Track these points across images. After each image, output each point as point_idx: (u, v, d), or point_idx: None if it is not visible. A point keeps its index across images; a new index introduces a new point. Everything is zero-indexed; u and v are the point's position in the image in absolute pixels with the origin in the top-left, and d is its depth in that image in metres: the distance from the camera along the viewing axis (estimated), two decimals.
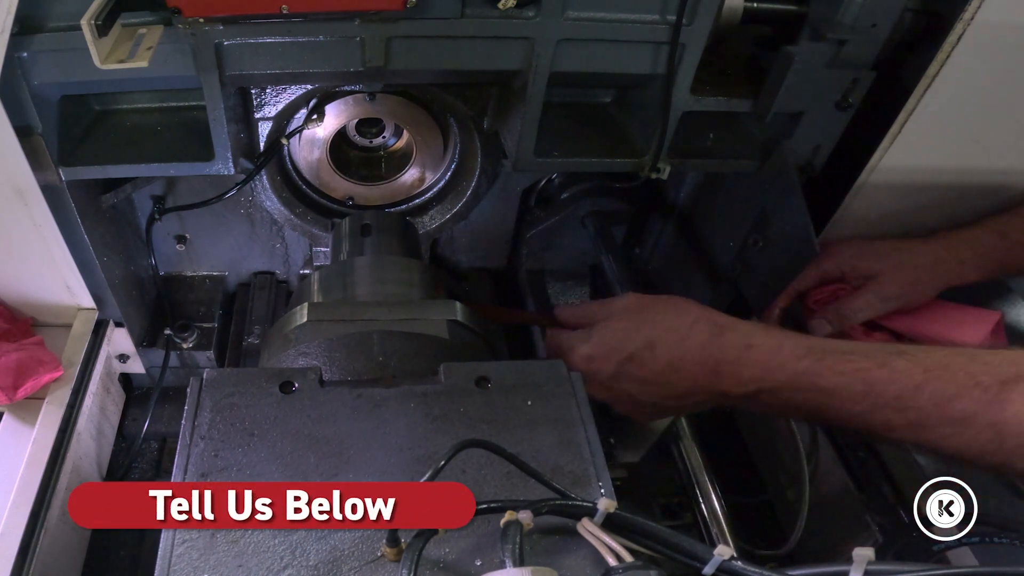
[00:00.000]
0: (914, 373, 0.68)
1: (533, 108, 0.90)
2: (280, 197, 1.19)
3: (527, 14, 0.81)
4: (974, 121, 0.91)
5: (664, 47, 0.85)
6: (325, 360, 0.75)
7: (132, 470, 1.11)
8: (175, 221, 1.22)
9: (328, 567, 0.53)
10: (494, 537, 0.55)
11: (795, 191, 0.95)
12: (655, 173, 0.97)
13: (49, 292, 0.99)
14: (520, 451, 0.58)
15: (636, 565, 0.50)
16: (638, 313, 0.85)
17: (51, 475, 0.87)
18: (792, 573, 0.52)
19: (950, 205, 1.00)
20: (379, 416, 0.64)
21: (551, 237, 1.35)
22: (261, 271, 1.35)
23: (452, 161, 1.23)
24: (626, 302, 0.88)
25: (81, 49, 0.68)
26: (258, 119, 1.05)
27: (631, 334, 0.82)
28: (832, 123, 0.94)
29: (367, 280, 0.93)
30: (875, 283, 0.97)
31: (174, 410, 1.17)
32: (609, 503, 0.53)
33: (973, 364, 0.67)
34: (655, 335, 0.81)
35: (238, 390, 0.65)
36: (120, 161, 0.89)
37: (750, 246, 1.05)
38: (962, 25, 0.80)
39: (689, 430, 1.00)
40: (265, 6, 0.74)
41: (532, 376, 0.69)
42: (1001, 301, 1.07)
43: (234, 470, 0.59)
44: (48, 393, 0.94)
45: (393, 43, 0.82)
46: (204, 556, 0.53)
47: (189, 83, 0.83)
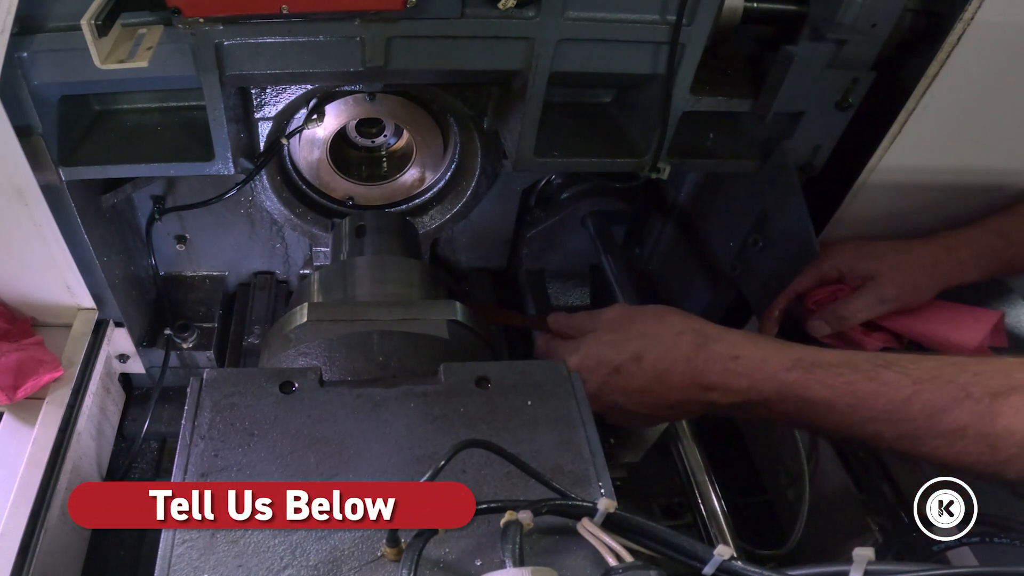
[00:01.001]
0: (903, 385, 0.68)
1: (533, 108, 0.90)
2: (280, 197, 1.19)
3: (527, 14, 0.81)
4: (974, 121, 0.91)
5: (664, 47, 0.85)
6: (325, 360, 0.75)
7: (132, 470, 1.11)
8: (175, 221, 1.21)
9: (328, 567, 0.53)
10: (494, 537, 0.54)
11: (795, 191, 0.95)
12: (655, 173, 0.97)
13: (49, 292, 0.99)
14: (520, 451, 0.58)
15: (636, 565, 0.50)
16: (625, 325, 0.85)
17: (51, 475, 0.87)
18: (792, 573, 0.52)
19: (950, 205, 1.00)
20: (379, 416, 0.64)
21: (551, 237, 1.35)
22: (261, 271, 1.35)
23: (452, 161, 1.23)
24: (613, 314, 0.88)
25: (81, 49, 0.68)
26: (258, 119, 1.05)
27: (617, 347, 0.83)
28: (832, 123, 0.94)
29: (367, 280, 0.93)
30: (874, 284, 0.96)
31: (174, 410, 1.17)
32: (609, 503, 0.53)
33: (963, 375, 0.66)
34: (641, 347, 0.81)
35: (238, 390, 0.65)
36: (120, 161, 0.89)
37: (750, 246, 1.06)
38: (962, 25, 0.80)
39: (689, 430, 1.00)
40: (265, 6, 0.74)
41: (532, 376, 0.69)
42: (1001, 301, 1.07)
43: (234, 470, 0.59)
44: (48, 393, 0.94)
45: (393, 43, 0.82)
46: (204, 556, 0.53)
47: (189, 83, 0.83)
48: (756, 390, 0.75)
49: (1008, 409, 0.63)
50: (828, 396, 0.71)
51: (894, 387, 0.68)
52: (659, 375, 0.80)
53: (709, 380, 0.77)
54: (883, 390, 0.69)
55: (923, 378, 0.68)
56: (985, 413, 0.64)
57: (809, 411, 0.73)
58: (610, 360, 0.82)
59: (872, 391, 0.69)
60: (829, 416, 0.72)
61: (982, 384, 0.65)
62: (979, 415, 0.64)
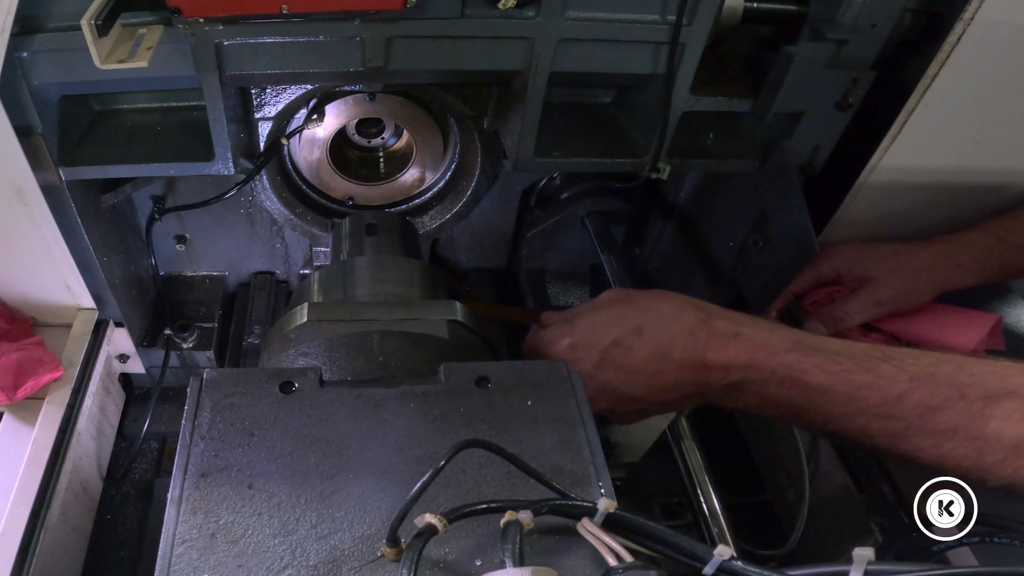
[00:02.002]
0: (899, 380, 0.68)
1: (533, 108, 0.90)
2: (280, 197, 1.19)
3: (527, 14, 0.81)
4: (974, 121, 0.91)
5: (664, 47, 0.85)
6: (325, 360, 0.75)
7: (132, 470, 1.11)
8: (175, 221, 1.22)
9: (328, 567, 0.53)
10: (494, 537, 0.54)
11: (795, 191, 0.95)
12: (655, 173, 0.97)
13: (49, 292, 0.99)
14: (520, 451, 0.58)
15: (636, 565, 0.50)
16: (625, 301, 0.83)
17: (51, 475, 0.87)
18: (792, 573, 0.52)
19: (950, 205, 1.00)
20: (379, 416, 0.64)
21: (551, 237, 1.35)
22: (261, 271, 1.36)
23: (452, 161, 1.23)
24: (611, 294, 0.86)
25: (81, 49, 0.68)
26: (258, 119, 1.05)
27: (618, 321, 0.81)
28: (832, 123, 0.94)
29: (367, 280, 0.93)
30: (871, 286, 0.96)
31: (174, 410, 1.17)
32: (609, 503, 0.53)
33: (960, 375, 0.66)
34: (643, 320, 0.79)
35: (238, 390, 0.65)
36: (120, 161, 0.89)
37: (750, 246, 1.06)
38: (962, 25, 0.80)
39: (689, 430, 1.00)
40: (265, 6, 0.74)
41: (532, 376, 0.69)
42: (1001, 301, 1.07)
43: (234, 470, 0.59)
44: (48, 393, 0.94)
45: (393, 43, 0.82)
46: (204, 556, 0.53)
47: (189, 83, 0.83)
48: (755, 368, 0.74)
49: (999, 412, 0.63)
50: (824, 382, 0.71)
51: (889, 381, 0.68)
52: (660, 349, 0.78)
53: (710, 357, 0.76)
54: (878, 383, 0.68)
55: (919, 375, 0.67)
56: (976, 415, 0.63)
57: (803, 398, 0.72)
58: (609, 333, 0.80)
59: (867, 383, 0.69)
60: (822, 404, 0.71)
61: (977, 385, 0.65)
62: (970, 417, 0.64)
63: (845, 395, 0.70)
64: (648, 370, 0.79)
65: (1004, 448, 0.62)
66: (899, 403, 0.67)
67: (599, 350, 0.80)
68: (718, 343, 0.76)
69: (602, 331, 0.81)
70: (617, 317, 0.81)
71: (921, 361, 0.69)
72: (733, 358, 0.75)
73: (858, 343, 0.74)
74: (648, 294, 0.83)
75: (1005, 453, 0.62)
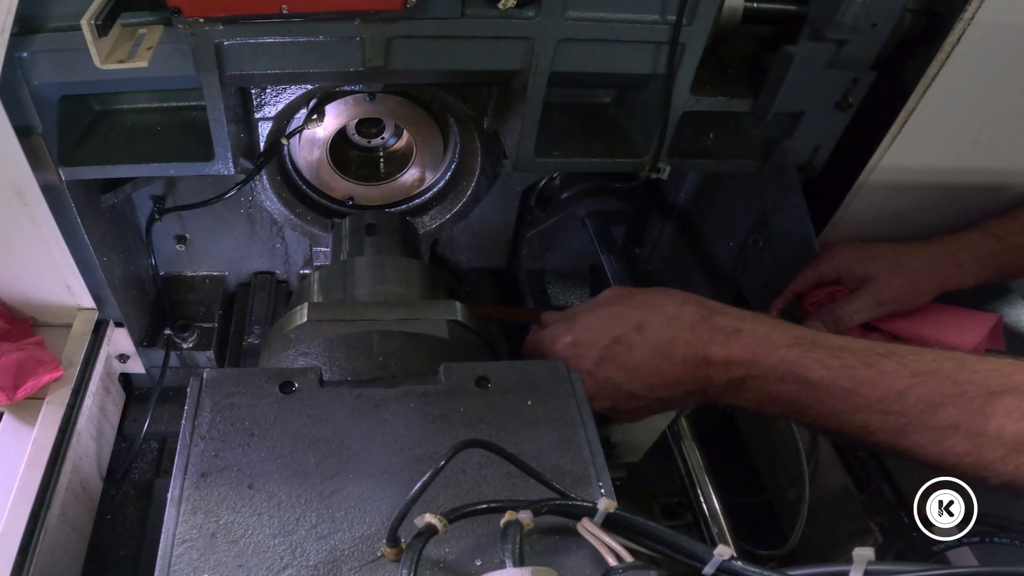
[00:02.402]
0: (901, 376, 0.67)
1: (533, 108, 0.90)
2: (280, 197, 1.19)
3: (527, 14, 0.81)
4: (974, 121, 0.91)
5: (664, 47, 0.85)
6: (325, 360, 0.75)
7: (132, 470, 1.11)
8: (175, 221, 1.22)
9: (328, 567, 0.53)
10: (494, 537, 0.54)
11: (795, 191, 0.95)
12: (655, 173, 0.97)
13: (49, 292, 0.99)
14: (520, 451, 0.58)
15: (636, 565, 0.50)
16: (625, 299, 0.83)
17: (51, 475, 0.87)
18: (792, 573, 0.52)
19: (950, 205, 1.00)
20: (379, 416, 0.64)
21: (551, 237, 1.35)
22: (261, 271, 1.36)
23: (452, 161, 1.23)
24: (611, 292, 0.86)
25: (81, 49, 0.68)
26: (258, 119, 1.05)
27: (619, 317, 0.80)
28: (832, 123, 0.94)
29: (367, 280, 0.93)
30: (871, 286, 0.96)
31: (174, 410, 1.17)
32: (609, 503, 0.53)
33: (961, 371, 0.66)
34: (644, 316, 0.79)
35: (238, 390, 0.65)
36: (120, 161, 0.89)
37: (750, 246, 1.06)
38: (962, 25, 0.80)
39: (689, 430, 1.00)
40: (265, 6, 0.74)
41: (532, 376, 0.69)
42: (1001, 301, 1.07)
43: (234, 470, 0.59)
44: (48, 393, 0.94)
45: (393, 43, 0.82)
46: (204, 556, 0.53)
47: (189, 83, 0.83)
48: (756, 364, 0.73)
49: (1001, 409, 0.63)
50: (825, 377, 0.70)
51: (891, 377, 0.68)
52: (661, 346, 0.77)
53: (711, 353, 0.76)
54: (880, 379, 0.68)
55: (921, 371, 0.67)
56: (978, 412, 0.63)
57: (804, 392, 0.72)
58: (610, 330, 0.80)
59: (869, 378, 0.68)
60: (823, 400, 0.71)
61: (979, 382, 0.64)
62: (971, 413, 0.64)
63: (846, 390, 0.69)
64: (649, 367, 0.78)
65: (1005, 445, 0.62)
66: (900, 399, 0.67)
67: (600, 348, 0.80)
68: (720, 339, 0.76)
69: (603, 329, 0.81)
70: (618, 314, 0.81)
71: (923, 357, 0.68)
72: (735, 354, 0.75)
73: (860, 340, 0.74)
74: (648, 291, 0.83)
75: (1006, 450, 0.62)
